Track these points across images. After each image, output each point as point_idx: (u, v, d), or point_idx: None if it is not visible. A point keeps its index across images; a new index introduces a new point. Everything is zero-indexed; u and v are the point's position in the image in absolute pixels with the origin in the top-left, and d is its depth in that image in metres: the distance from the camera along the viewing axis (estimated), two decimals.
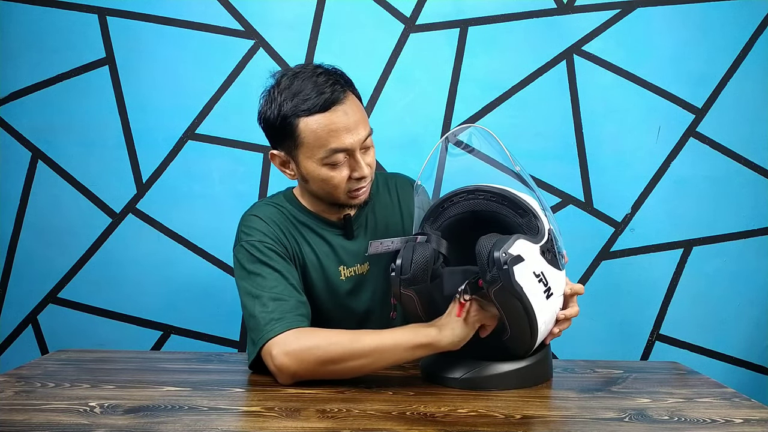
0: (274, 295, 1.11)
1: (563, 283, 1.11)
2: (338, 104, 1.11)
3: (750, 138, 1.81)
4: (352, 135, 1.12)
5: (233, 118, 1.81)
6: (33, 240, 1.82)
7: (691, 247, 1.83)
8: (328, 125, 1.10)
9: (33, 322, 1.84)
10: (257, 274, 1.13)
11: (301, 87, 1.11)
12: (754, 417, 0.97)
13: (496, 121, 1.82)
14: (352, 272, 1.24)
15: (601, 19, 1.80)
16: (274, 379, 1.11)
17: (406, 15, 1.81)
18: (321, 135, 1.11)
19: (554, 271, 1.06)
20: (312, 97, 1.10)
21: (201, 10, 1.80)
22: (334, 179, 1.14)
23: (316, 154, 1.12)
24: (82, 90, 1.80)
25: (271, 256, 1.15)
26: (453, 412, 0.97)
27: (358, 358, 1.05)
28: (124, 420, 0.91)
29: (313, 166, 1.14)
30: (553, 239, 1.08)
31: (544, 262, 1.04)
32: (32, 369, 1.16)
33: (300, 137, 1.12)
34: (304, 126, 1.11)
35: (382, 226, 1.30)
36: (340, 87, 1.13)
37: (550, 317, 1.08)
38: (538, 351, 1.14)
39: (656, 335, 1.85)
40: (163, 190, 1.82)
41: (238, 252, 1.19)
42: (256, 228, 1.19)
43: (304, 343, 1.06)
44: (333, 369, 1.06)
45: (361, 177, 1.15)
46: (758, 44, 1.79)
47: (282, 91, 1.13)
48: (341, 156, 1.13)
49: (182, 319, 1.84)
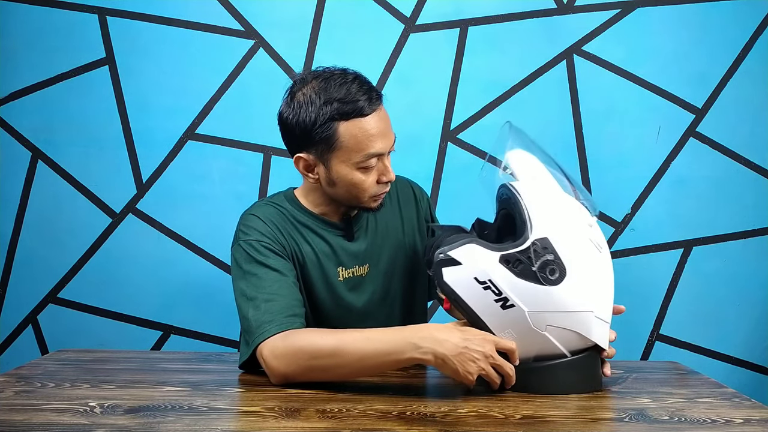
0: (268, 296, 1.11)
1: (543, 298, 1.02)
2: (375, 111, 1.14)
3: (750, 138, 1.81)
4: (386, 140, 1.15)
5: (233, 118, 1.81)
6: (33, 240, 1.82)
7: (691, 247, 1.83)
8: (368, 130, 1.12)
9: (33, 322, 1.84)
10: (253, 274, 1.14)
11: (338, 92, 1.12)
12: (754, 417, 0.97)
13: (496, 121, 1.82)
14: (350, 273, 1.24)
15: (601, 19, 1.80)
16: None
17: (406, 15, 1.81)
18: (361, 139, 1.12)
19: (523, 283, 1.01)
20: (351, 102, 1.11)
21: (201, 10, 1.80)
22: (365, 183, 1.16)
23: (352, 158, 1.13)
24: (82, 90, 1.80)
25: (268, 255, 1.15)
26: (453, 412, 0.97)
27: (342, 366, 1.05)
28: (124, 420, 0.91)
29: (346, 170, 1.15)
30: (537, 252, 1.02)
31: (506, 271, 1.01)
32: (32, 369, 1.16)
33: (338, 141, 1.12)
34: (344, 130, 1.12)
35: (383, 229, 1.30)
36: (375, 94, 1.15)
37: (518, 330, 1.03)
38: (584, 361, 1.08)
39: (656, 335, 1.85)
40: (163, 190, 1.82)
41: (236, 251, 1.19)
42: (253, 227, 1.19)
43: (290, 347, 1.06)
44: (320, 374, 1.07)
45: (388, 181, 1.18)
46: (758, 44, 1.80)
47: (319, 95, 1.13)
48: (374, 161, 1.15)
49: (182, 319, 1.84)
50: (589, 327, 1.05)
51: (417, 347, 1.01)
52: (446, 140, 1.83)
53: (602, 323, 1.06)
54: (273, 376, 1.08)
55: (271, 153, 1.82)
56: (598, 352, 1.09)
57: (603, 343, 1.07)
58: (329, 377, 1.07)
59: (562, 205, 1.09)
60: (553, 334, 1.04)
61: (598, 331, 1.06)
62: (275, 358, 1.06)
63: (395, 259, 1.28)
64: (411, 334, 1.03)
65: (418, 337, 1.02)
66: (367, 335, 1.05)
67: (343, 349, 1.04)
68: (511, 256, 1.02)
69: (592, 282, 1.05)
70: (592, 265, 1.05)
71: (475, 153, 1.83)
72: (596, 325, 1.05)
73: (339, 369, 1.05)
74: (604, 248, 1.08)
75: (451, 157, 1.83)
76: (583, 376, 1.08)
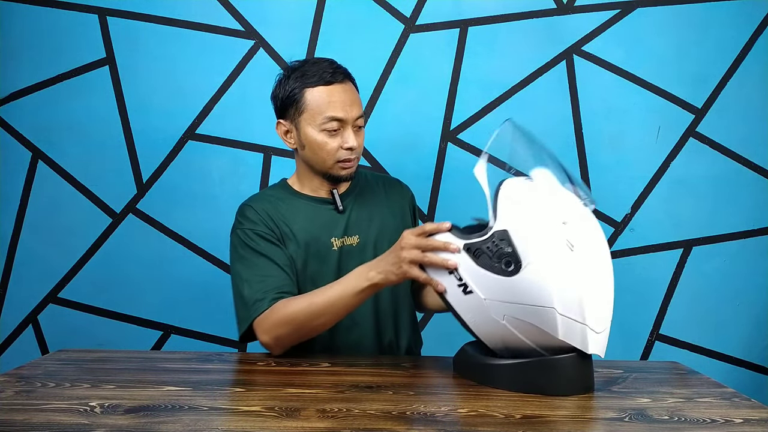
0: (259, 277, 1.28)
1: (499, 288, 1.05)
2: (338, 83, 1.32)
3: (750, 138, 1.82)
4: (347, 109, 1.32)
5: (233, 118, 1.81)
6: (33, 240, 1.82)
7: (691, 247, 1.83)
8: (328, 96, 1.31)
9: (33, 322, 1.84)
10: (247, 258, 1.31)
11: (311, 69, 1.33)
12: (754, 417, 0.97)
13: (496, 121, 1.81)
14: (342, 242, 1.38)
15: (601, 19, 1.80)
16: (274, 379, 1.13)
17: (406, 15, 1.81)
18: (321, 103, 1.31)
19: (482, 272, 1.05)
20: (317, 74, 1.32)
21: (201, 10, 1.80)
22: (327, 145, 1.32)
23: (316, 119, 1.31)
24: (82, 90, 1.80)
25: (259, 243, 1.31)
26: (453, 412, 0.97)
27: (317, 317, 1.21)
28: (124, 420, 0.91)
29: (312, 131, 1.32)
30: (495, 244, 1.04)
31: (468, 259, 1.06)
32: (32, 369, 1.16)
33: (304, 104, 1.32)
34: (308, 95, 1.32)
35: (369, 203, 1.43)
36: (341, 72, 1.34)
37: (478, 316, 1.07)
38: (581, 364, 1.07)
39: (656, 335, 1.85)
40: (163, 190, 1.82)
41: (234, 238, 1.35)
42: (248, 217, 1.35)
43: (273, 318, 1.23)
44: (304, 333, 1.24)
45: (350, 148, 1.32)
46: (758, 44, 1.80)
47: (293, 71, 1.35)
48: (336, 124, 1.31)
49: (182, 319, 1.84)
50: (553, 324, 1.03)
51: (366, 277, 1.17)
52: (446, 140, 1.83)
53: (573, 323, 1.03)
54: (269, 348, 1.26)
55: (271, 153, 1.82)
56: (582, 356, 1.06)
57: (579, 344, 1.04)
58: (313, 330, 1.23)
59: (538, 200, 1.08)
60: (513, 324, 1.05)
61: (567, 331, 1.03)
62: (265, 334, 1.24)
63: (383, 231, 1.41)
64: (359, 271, 1.20)
65: (365, 268, 1.19)
66: (328, 286, 1.22)
67: (312, 303, 1.21)
68: (473, 245, 1.06)
69: (554, 278, 1.03)
70: (556, 262, 1.03)
71: (475, 153, 1.83)
72: (563, 323, 1.03)
73: (317, 320, 1.21)
74: (581, 247, 1.05)
75: (451, 157, 1.83)
76: (559, 376, 1.05)
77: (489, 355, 1.11)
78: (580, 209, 1.10)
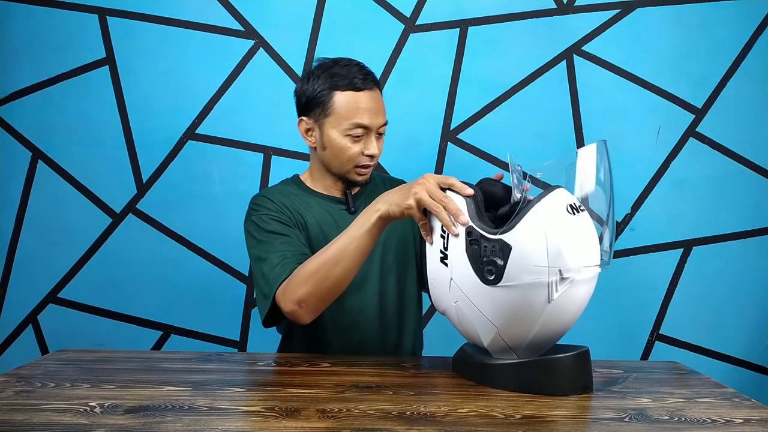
0: (279, 255, 1.26)
1: (468, 282, 1.06)
2: (368, 90, 1.32)
3: (750, 138, 1.82)
4: (373, 117, 1.32)
5: (233, 118, 1.81)
6: (33, 240, 1.82)
7: (691, 247, 1.83)
8: (357, 102, 1.31)
9: (33, 322, 1.84)
10: (264, 241, 1.30)
11: (341, 71, 1.33)
12: (754, 417, 0.97)
13: (496, 121, 1.82)
14: None
15: (601, 19, 1.80)
16: (274, 379, 1.13)
17: (406, 15, 1.81)
18: (350, 109, 1.31)
19: (464, 259, 1.05)
20: (348, 78, 1.31)
21: (201, 10, 1.80)
22: (350, 150, 1.33)
23: (342, 124, 1.31)
24: (82, 90, 1.80)
25: (275, 226, 1.31)
26: (453, 412, 0.97)
27: (334, 265, 1.18)
28: (124, 420, 0.91)
29: (335, 134, 1.32)
30: (494, 249, 1.01)
31: (462, 240, 1.05)
32: (32, 369, 1.16)
33: (332, 107, 1.32)
34: (337, 99, 1.31)
35: None
36: (371, 78, 1.35)
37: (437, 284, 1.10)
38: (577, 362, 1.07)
39: (656, 335, 1.85)
40: (163, 190, 1.82)
41: (248, 225, 1.35)
42: (262, 205, 1.35)
43: (294, 283, 1.20)
44: (326, 287, 1.19)
45: (371, 155, 1.34)
46: (758, 44, 1.80)
47: (325, 71, 1.34)
48: (361, 131, 1.32)
49: (182, 319, 1.84)
50: (487, 337, 1.08)
51: (373, 209, 1.16)
52: (446, 140, 1.83)
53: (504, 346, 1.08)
54: (297, 317, 1.21)
55: (271, 153, 1.82)
56: (581, 355, 1.07)
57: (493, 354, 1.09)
58: (335, 282, 1.19)
59: (557, 241, 1.01)
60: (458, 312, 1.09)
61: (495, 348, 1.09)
62: (288, 301, 1.20)
63: (390, 232, 1.39)
64: (367, 209, 1.18)
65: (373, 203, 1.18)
66: (338, 236, 1.21)
67: (326, 253, 1.19)
68: (475, 232, 1.04)
69: (515, 313, 1.04)
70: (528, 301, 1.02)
71: (475, 153, 1.83)
72: (494, 342, 1.08)
73: (334, 268, 1.18)
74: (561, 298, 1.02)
75: (451, 157, 1.83)
76: (558, 376, 1.06)
77: (488, 355, 1.11)
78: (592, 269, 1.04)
